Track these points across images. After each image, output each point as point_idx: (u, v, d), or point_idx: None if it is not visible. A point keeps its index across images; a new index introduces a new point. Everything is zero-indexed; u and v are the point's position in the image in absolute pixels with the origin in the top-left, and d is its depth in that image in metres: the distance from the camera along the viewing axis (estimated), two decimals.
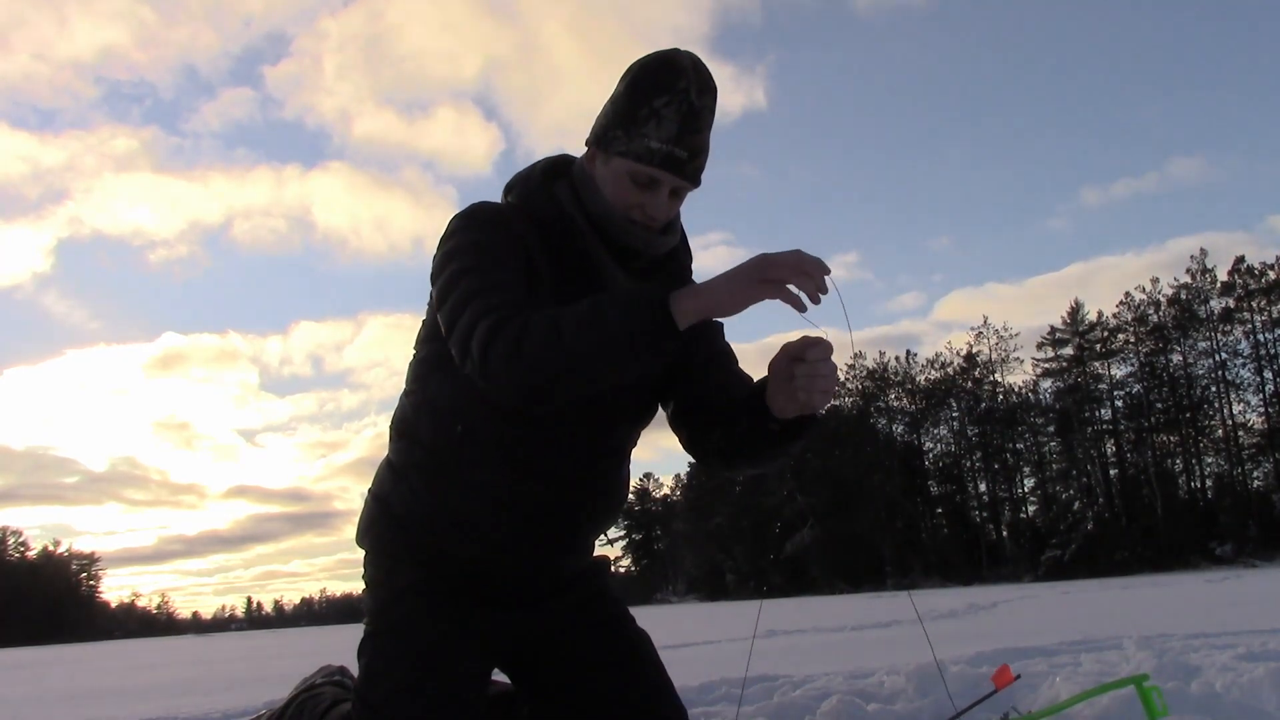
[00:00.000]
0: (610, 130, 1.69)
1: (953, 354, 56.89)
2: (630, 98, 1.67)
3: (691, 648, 7.69)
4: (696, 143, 1.67)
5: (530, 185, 1.79)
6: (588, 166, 1.76)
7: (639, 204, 1.70)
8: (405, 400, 1.87)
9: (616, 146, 1.68)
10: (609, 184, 1.71)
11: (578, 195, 1.75)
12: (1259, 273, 47.43)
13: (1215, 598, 11.74)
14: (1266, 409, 47.36)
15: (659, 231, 1.75)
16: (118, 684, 8.36)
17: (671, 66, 1.67)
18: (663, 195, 1.70)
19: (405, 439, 1.84)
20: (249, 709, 4.47)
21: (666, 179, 1.68)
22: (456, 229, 1.72)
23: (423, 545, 1.80)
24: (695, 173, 1.70)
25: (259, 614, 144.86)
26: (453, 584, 1.79)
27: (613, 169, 1.70)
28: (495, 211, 1.75)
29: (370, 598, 1.84)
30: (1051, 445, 53.64)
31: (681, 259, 1.87)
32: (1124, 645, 4.42)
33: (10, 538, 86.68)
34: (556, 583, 1.88)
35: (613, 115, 1.70)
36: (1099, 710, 2.55)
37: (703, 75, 1.68)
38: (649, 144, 1.65)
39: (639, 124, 1.66)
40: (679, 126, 1.65)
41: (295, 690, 2.19)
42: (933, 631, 8.38)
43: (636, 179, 1.68)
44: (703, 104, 1.67)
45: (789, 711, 3.03)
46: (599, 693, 1.84)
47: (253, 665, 10.50)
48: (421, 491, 1.79)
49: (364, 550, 1.89)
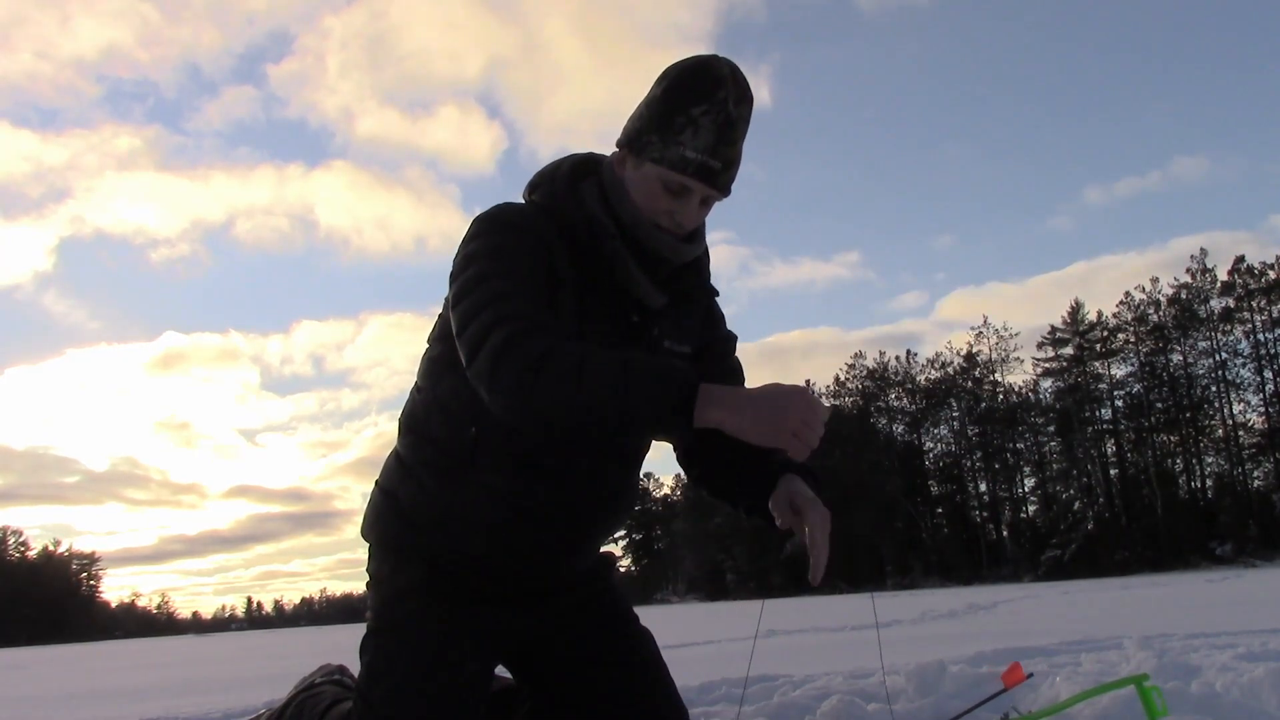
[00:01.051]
0: (644, 135, 1.68)
1: (953, 354, 56.97)
2: (667, 103, 1.65)
3: (691, 648, 7.68)
4: (731, 154, 1.66)
5: (556, 185, 1.77)
6: (617, 169, 1.74)
7: (668, 210, 1.69)
8: (416, 396, 1.86)
9: (650, 152, 1.67)
10: (639, 189, 1.70)
11: (606, 198, 1.74)
12: (1259, 272, 47.43)
13: (1215, 598, 11.73)
14: (1266, 409, 47.37)
15: (685, 239, 1.75)
16: (118, 684, 8.35)
17: (711, 74, 1.65)
18: (693, 203, 1.69)
19: (414, 434, 1.83)
20: (249, 709, 4.47)
21: (699, 188, 1.67)
22: (480, 231, 1.70)
23: (430, 543, 1.79)
24: (727, 183, 1.69)
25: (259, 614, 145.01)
26: (458, 582, 1.78)
27: (644, 174, 1.68)
28: (519, 214, 1.73)
29: (374, 594, 1.83)
30: (1051, 445, 53.65)
31: (704, 264, 1.87)
32: (1124, 645, 4.42)
33: (10, 538, 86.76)
34: (562, 582, 1.88)
35: (648, 119, 1.68)
36: (1099, 710, 2.55)
37: (741, 85, 1.66)
38: (684, 152, 1.63)
39: (675, 131, 1.64)
40: (715, 137, 1.63)
41: (295, 690, 2.20)
42: (933, 631, 8.38)
43: (669, 186, 1.67)
44: (739, 114, 1.65)
45: (789, 711, 3.03)
46: (601, 691, 1.84)
47: (253, 665, 10.50)
48: (431, 490, 1.77)
49: (369, 544, 1.88)
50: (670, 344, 1.81)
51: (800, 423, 1.44)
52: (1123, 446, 51.11)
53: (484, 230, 1.70)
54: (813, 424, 1.45)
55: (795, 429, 1.44)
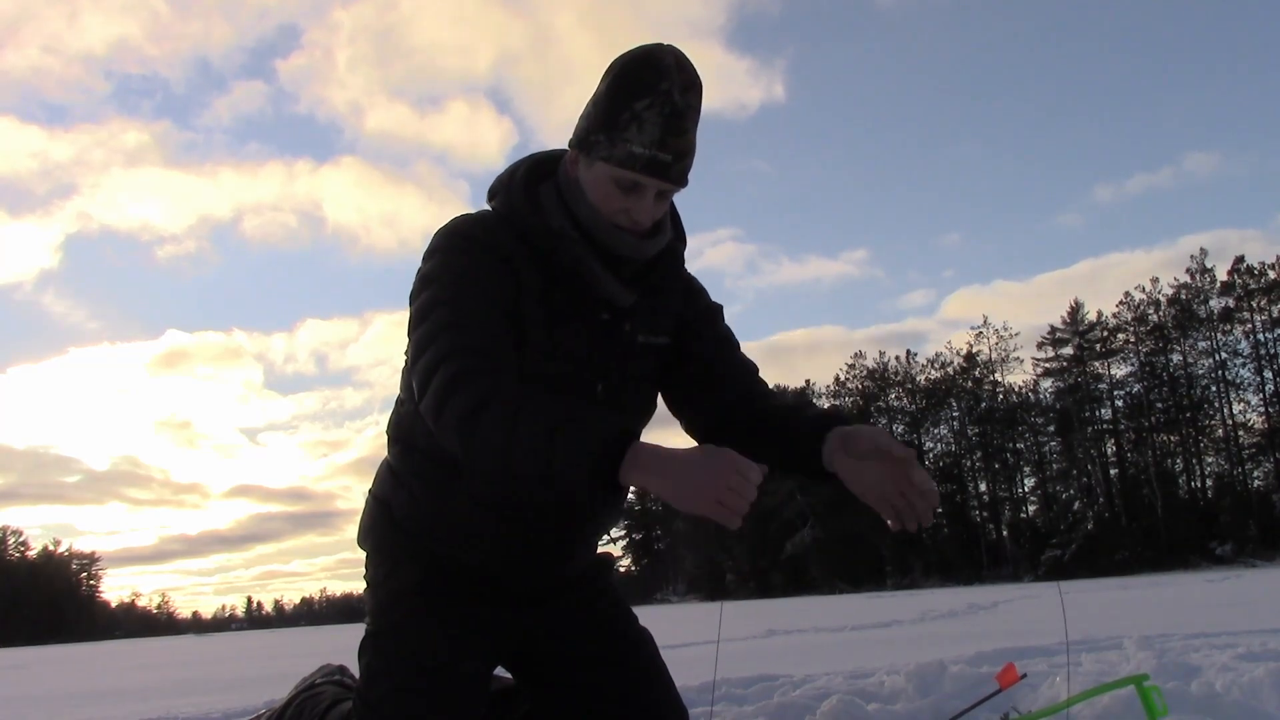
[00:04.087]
0: (592, 134, 1.65)
1: (953, 353, 56.98)
2: (611, 100, 1.63)
3: (691, 648, 7.68)
4: (681, 145, 1.63)
5: (513, 192, 1.75)
6: (570, 170, 1.72)
7: (624, 209, 1.67)
8: (399, 407, 1.86)
9: (599, 151, 1.64)
10: (593, 189, 1.67)
11: (564, 201, 1.72)
12: (1259, 272, 47.45)
13: (1215, 598, 11.73)
14: (1266, 409, 47.37)
15: (647, 235, 1.73)
16: (118, 684, 8.35)
17: (653, 65, 1.62)
18: (648, 199, 1.67)
19: (401, 444, 1.84)
20: (249, 709, 4.47)
21: (651, 183, 1.64)
22: (438, 248, 1.70)
23: (424, 549, 1.80)
24: (680, 175, 1.66)
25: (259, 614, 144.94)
26: (454, 583, 1.79)
27: (596, 174, 1.66)
28: (479, 226, 1.72)
29: (371, 597, 1.84)
30: (1051, 445, 53.66)
31: (675, 250, 1.84)
32: (1124, 645, 4.42)
33: (10, 537, 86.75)
34: (559, 583, 1.88)
35: (594, 118, 1.65)
36: (1099, 710, 2.55)
37: (686, 72, 1.63)
38: (631, 149, 1.61)
39: (620, 128, 1.61)
40: (662, 129, 1.60)
41: (295, 690, 2.20)
42: (933, 631, 8.39)
43: (621, 184, 1.64)
44: (686, 103, 1.62)
45: (789, 711, 3.03)
46: (601, 690, 1.85)
47: (253, 665, 10.50)
48: (423, 499, 1.79)
49: (365, 551, 1.89)
50: (645, 337, 1.80)
51: (726, 489, 1.38)
52: (1123, 446, 51.11)
53: (443, 247, 1.70)
54: (741, 489, 1.38)
55: (721, 495, 1.38)
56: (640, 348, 1.79)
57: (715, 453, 1.41)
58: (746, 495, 1.39)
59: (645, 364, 1.81)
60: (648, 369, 1.82)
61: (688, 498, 1.39)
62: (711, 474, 1.39)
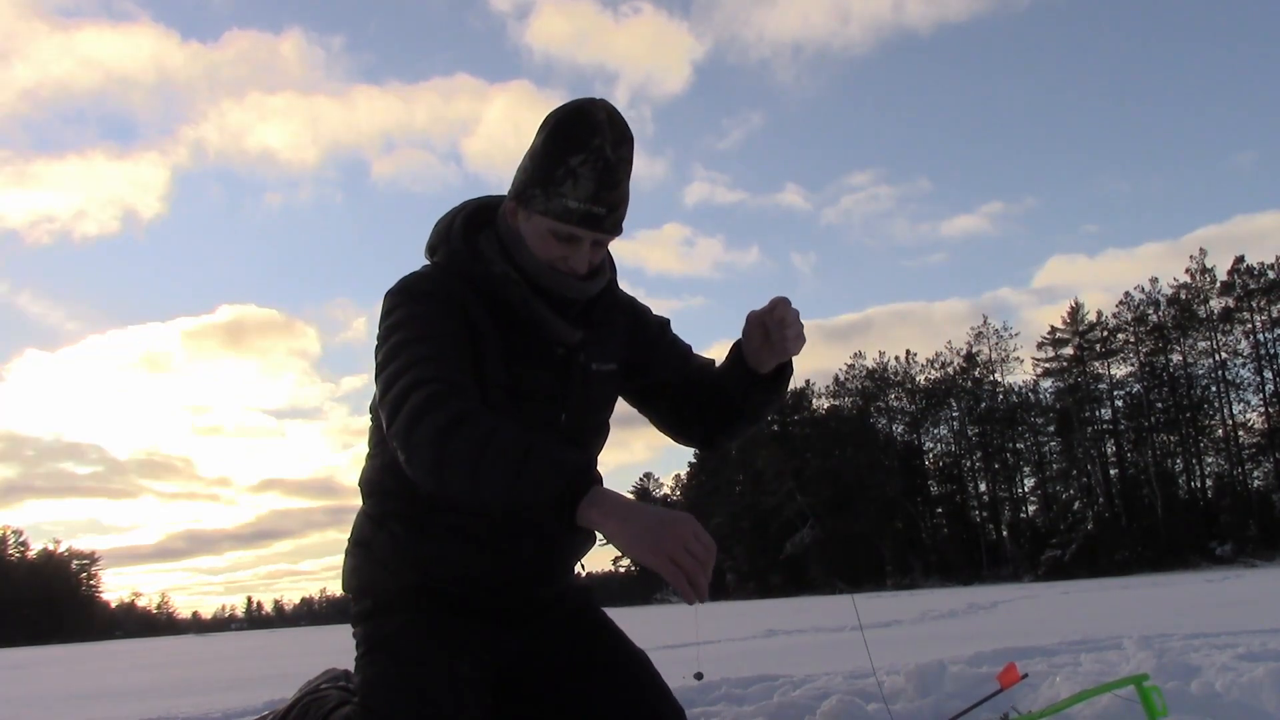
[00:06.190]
0: (529, 188, 1.73)
1: (952, 354, 56.99)
2: (547, 155, 1.70)
3: (692, 648, 7.69)
4: (614, 197, 1.71)
5: (453, 244, 1.83)
6: (510, 220, 1.80)
7: (562, 256, 1.75)
8: (369, 462, 1.93)
9: (536, 205, 1.72)
10: (532, 239, 1.76)
11: (505, 248, 1.80)
12: (1259, 273, 47.47)
13: (1215, 598, 11.74)
14: (1266, 409, 47.40)
15: (588, 276, 1.81)
16: (118, 684, 8.37)
17: (585, 121, 1.69)
18: (584, 249, 1.75)
19: (376, 495, 1.90)
20: (249, 709, 4.48)
21: (587, 235, 1.72)
22: (395, 305, 1.77)
23: (409, 582, 1.85)
24: (614, 225, 1.75)
25: (259, 614, 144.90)
26: (443, 605, 1.84)
27: (534, 226, 1.74)
28: (428, 280, 1.79)
29: (361, 626, 1.88)
30: (1051, 445, 53.70)
31: (612, 286, 1.92)
32: (1124, 645, 4.43)
33: (10, 537, 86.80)
34: (542, 604, 1.94)
35: (531, 173, 1.73)
36: (1099, 710, 2.55)
37: (618, 127, 1.71)
38: (567, 203, 1.69)
39: (556, 183, 1.69)
40: (596, 184, 1.68)
41: (299, 693, 2.20)
42: (932, 631, 8.40)
43: (558, 235, 1.73)
44: (619, 157, 1.70)
45: (789, 711, 3.03)
46: (596, 695, 1.86)
47: (253, 665, 10.51)
48: (402, 537, 1.84)
49: (351, 593, 1.94)
50: (598, 365, 1.89)
51: (682, 551, 1.41)
52: (1123, 446, 51.14)
53: (399, 303, 1.76)
54: (697, 554, 1.42)
55: (674, 554, 1.41)
56: (595, 375, 1.89)
57: (678, 515, 1.46)
58: (705, 561, 1.42)
59: (601, 391, 1.92)
60: (603, 395, 1.93)
61: (645, 549, 1.43)
62: (674, 533, 1.42)
